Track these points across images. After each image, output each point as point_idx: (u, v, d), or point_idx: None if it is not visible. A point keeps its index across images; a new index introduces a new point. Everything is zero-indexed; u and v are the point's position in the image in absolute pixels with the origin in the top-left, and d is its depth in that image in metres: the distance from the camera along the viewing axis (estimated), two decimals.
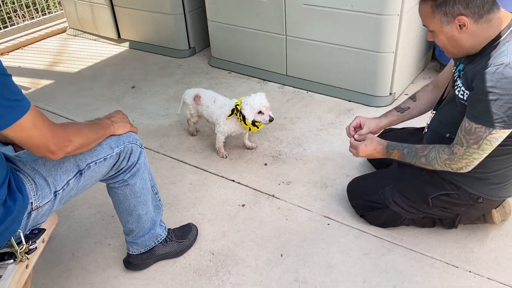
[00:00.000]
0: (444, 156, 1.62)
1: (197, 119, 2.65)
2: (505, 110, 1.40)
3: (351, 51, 2.82)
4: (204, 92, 2.56)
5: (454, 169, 1.61)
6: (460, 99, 1.59)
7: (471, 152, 1.53)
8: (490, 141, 1.47)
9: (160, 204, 1.83)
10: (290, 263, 1.85)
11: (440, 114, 1.80)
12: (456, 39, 1.51)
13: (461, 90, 1.59)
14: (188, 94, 2.59)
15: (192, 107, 2.57)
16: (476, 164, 1.56)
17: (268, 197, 2.21)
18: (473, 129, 1.48)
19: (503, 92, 1.38)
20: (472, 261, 1.80)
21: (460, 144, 1.55)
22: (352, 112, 2.85)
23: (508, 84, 1.37)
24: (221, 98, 2.51)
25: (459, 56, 1.62)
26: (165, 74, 3.59)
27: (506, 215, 1.91)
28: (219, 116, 2.42)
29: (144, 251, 1.82)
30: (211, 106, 2.47)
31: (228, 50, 3.50)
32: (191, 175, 2.42)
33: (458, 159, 1.57)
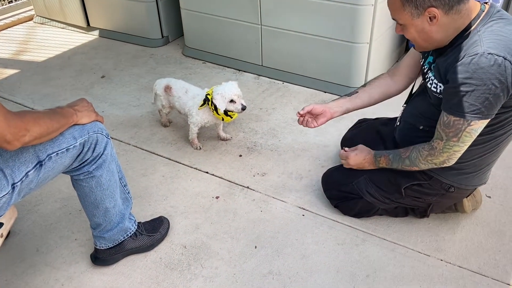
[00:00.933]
0: (425, 152, 1.61)
1: (169, 109, 2.58)
2: (482, 101, 1.39)
3: (327, 42, 2.80)
4: (175, 82, 2.48)
5: (438, 164, 1.60)
6: (433, 92, 1.58)
7: (451, 145, 1.52)
8: (470, 132, 1.47)
9: (129, 196, 1.77)
10: (264, 255, 1.83)
11: (412, 106, 1.79)
12: (426, 32, 1.49)
13: (433, 83, 1.58)
14: (159, 84, 2.51)
15: (163, 98, 2.50)
16: (458, 156, 1.56)
17: (243, 189, 2.18)
18: (452, 122, 1.48)
19: (479, 82, 1.37)
20: (444, 250, 1.81)
21: (440, 138, 1.54)
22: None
23: (484, 74, 1.36)
24: (193, 88, 2.44)
25: (429, 49, 1.61)
26: (137, 63, 3.49)
27: (477, 204, 1.93)
28: (191, 107, 2.35)
29: (112, 245, 1.76)
30: (183, 97, 2.40)
31: (202, 39, 3.42)
32: (163, 167, 2.36)
33: (438, 153, 1.57)
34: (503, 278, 1.68)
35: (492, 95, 1.37)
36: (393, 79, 1.93)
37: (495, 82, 1.35)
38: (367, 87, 1.96)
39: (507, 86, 1.36)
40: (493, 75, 1.35)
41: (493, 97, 1.37)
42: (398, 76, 1.91)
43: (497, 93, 1.37)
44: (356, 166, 1.90)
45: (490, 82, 1.35)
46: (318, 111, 1.88)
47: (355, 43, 2.71)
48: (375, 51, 2.80)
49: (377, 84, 1.94)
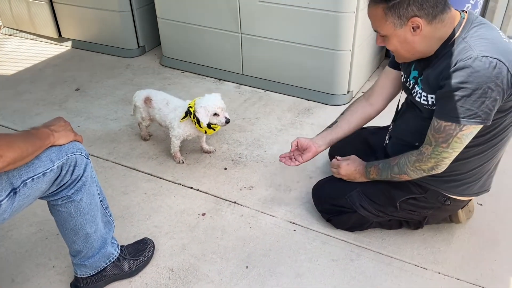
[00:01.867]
0: (413, 158, 1.57)
1: (149, 122, 2.47)
2: (478, 105, 1.35)
3: (309, 49, 2.75)
4: (155, 93, 2.38)
5: (427, 171, 1.56)
6: (424, 105, 1.55)
7: (440, 151, 1.48)
8: (461, 138, 1.43)
9: (111, 219, 1.65)
10: (256, 275, 1.74)
11: (404, 123, 1.74)
12: (409, 42, 1.46)
13: (423, 96, 1.54)
14: (138, 96, 2.40)
15: (143, 110, 2.39)
16: (447, 163, 1.51)
17: (230, 204, 2.09)
18: (443, 127, 1.44)
19: (475, 86, 1.33)
20: (441, 262, 1.77)
21: (429, 143, 1.50)
22: (311, 111, 2.79)
23: (480, 77, 1.32)
24: (174, 100, 2.34)
25: (411, 60, 1.58)
26: (113, 75, 3.36)
27: (470, 213, 1.90)
28: (173, 119, 2.25)
29: (94, 273, 1.64)
30: (164, 109, 2.30)
31: (180, 49, 3.33)
32: (144, 183, 2.24)
33: (426, 158, 1.52)
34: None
35: (489, 98, 1.34)
36: (369, 101, 1.91)
37: (491, 85, 1.32)
38: (345, 115, 1.95)
39: (503, 88, 1.34)
40: (489, 78, 1.32)
41: (490, 101, 1.34)
42: (374, 98, 1.89)
43: (493, 96, 1.34)
44: (347, 177, 1.84)
45: (487, 86, 1.32)
46: (304, 144, 1.89)
47: (337, 50, 2.67)
48: (357, 58, 2.77)
49: (354, 109, 1.93)
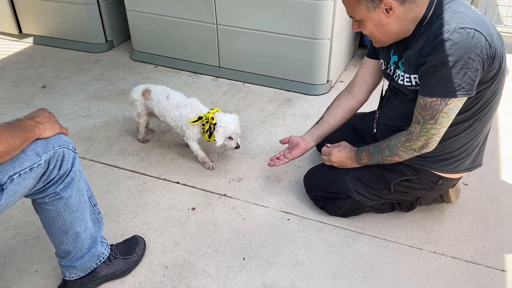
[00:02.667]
0: (403, 138, 1.58)
1: (146, 118, 2.29)
2: (461, 77, 1.37)
3: (287, 39, 2.72)
4: (154, 86, 2.23)
5: (417, 150, 1.57)
6: (408, 86, 1.56)
7: (428, 128, 1.49)
8: (447, 113, 1.44)
9: (100, 217, 1.56)
10: (255, 266, 1.69)
11: (390, 109, 1.75)
12: (384, 25, 1.47)
13: (406, 78, 1.56)
14: (136, 89, 2.25)
15: (140, 103, 2.21)
16: (437, 140, 1.52)
17: (220, 197, 2.03)
18: (428, 103, 1.45)
19: (456, 58, 1.35)
20: (434, 242, 1.79)
21: (417, 122, 1.51)
22: (293, 101, 2.77)
23: (460, 49, 1.34)
24: (176, 94, 2.17)
25: (388, 43, 1.59)
26: (81, 71, 3.20)
27: (458, 192, 1.94)
28: (177, 118, 2.11)
29: (84, 274, 1.54)
30: (164, 102, 2.15)
31: (152, 42, 3.21)
32: (127, 180, 2.14)
33: (416, 137, 1.53)
34: (497, 265, 1.68)
35: (471, 69, 1.36)
36: (352, 94, 1.92)
37: (472, 55, 1.34)
38: (329, 109, 1.96)
39: (483, 58, 1.36)
40: (468, 48, 1.34)
41: (471, 72, 1.36)
42: (356, 90, 1.91)
43: (475, 66, 1.36)
44: (338, 163, 1.83)
45: (467, 56, 1.34)
46: (294, 141, 1.91)
47: (317, 39, 2.66)
48: (336, 47, 2.77)
49: (338, 103, 1.94)
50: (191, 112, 2.08)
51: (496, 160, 2.22)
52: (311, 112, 2.66)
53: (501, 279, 1.62)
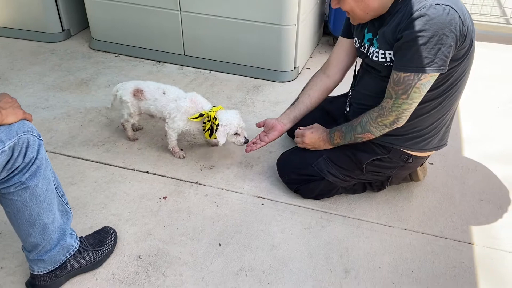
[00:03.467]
0: (375, 114, 1.61)
1: (138, 118, 2.16)
2: (435, 52, 1.41)
3: (254, 26, 2.70)
4: (144, 84, 2.08)
5: (389, 125, 1.60)
6: (382, 62, 1.58)
7: (400, 102, 1.52)
8: (419, 88, 1.48)
9: (68, 208, 1.49)
10: (231, 252, 1.68)
11: (363, 88, 1.77)
12: (364, 0, 1.50)
13: (380, 54, 1.58)
14: (124, 89, 2.08)
15: (132, 104, 2.07)
16: (407, 115, 1.56)
17: (192, 185, 1.99)
18: (402, 78, 1.48)
19: (431, 33, 1.38)
20: (405, 219, 1.84)
21: (389, 97, 1.55)
22: (261, 89, 2.75)
23: (436, 24, 1.38)
24: (172, 89, 2.06)
25: (366, 20, 1.61)
26: (37, 61, 3.04)
27: (425, 171, 2.01)
28: (174, 109, 1.99)
29: (54, 268, 1.47)
30: (161, 99, 2.01)
31: (112, 30, 3.10)
32: (93, 172, 2.06)
33: (387, 112, 1.56)
34: (464, 238, 1.75)
35: (444, 45, 1.40)
36: (327, 74, 1.93)
37: (446, 31, 1.38)
38: (305, 90, 1.97)
39: (456, 35, 1.40)
40: (443, 24, 1.37)
41: (445, 48, 1.40)
42: (331, 69, 1.92)
43: (448, 42, 1.40)
44: (311, 145, 1.84)
45: (442, 32, 1.38)
46: (270, 124, 1.92)
47: (283, 26, 2.65)
48: (302, 34, 2.78)
49: (313, 83, 1.95)
50: (191, 106, 1.98)
51: (458, 139, 2.31)
52: (280, 98, 2.66)
53: (469, 251, 1.69)
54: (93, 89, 2.73)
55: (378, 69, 1.64)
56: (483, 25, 3.46)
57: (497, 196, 1.96)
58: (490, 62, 3.14)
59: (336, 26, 3.13)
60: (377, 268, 1.63)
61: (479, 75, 2.85)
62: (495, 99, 2.70)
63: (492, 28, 3.47)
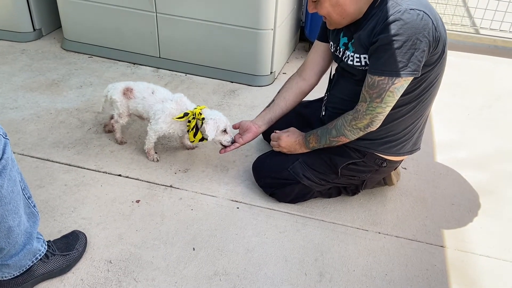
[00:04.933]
0: (349, 117, 1.62)
1: (127, 119, 2.11)
2: (408, 57, 1.43)
3: (230, 29, 2.69)
4: (135, 83, 2.06)
5: (363, 129, 1.61)
6: (357, 66, 1.60)
7: (374, 106, 1.54)
8: (393, 92, 1.50)
9: (35, 211, 1.43)
10: (205, 256, 1.65)
11: (338, 92, 1.79)
12: (341, 4, 1.52)
13: (355, 58, 1.60)
14: (115, 89, 2.04)
15: (121, 104, 2.04)
16: (381, 119, 1.58)
17: (166, 188, 1.95)
18: (376, 82, 1.50)
19: (406, 38, 1.41)
20: (379, 223, 1.85)
21: (364, 100, 1.56)
22: (237, 92, 2.74)
23: (410, 29, 1.40)
24: (161, 89, 2.04)
25: (342, 25, 1.63)
26: (6, 61, 2.94)
27: (398, 176, 2.03)
28: (159, 111, 1.95)
29: (19, 273, 1.41)
30: (149, 98, 1.99)
31: (86, 31, 3.03)
32: (63, 175, 1.99)
33: (362, 115, 1.58)
34: (436, 241, 1.78)
35: (418, 49, 1.42)
36: (303, 77, 1.94)
37: (420, 36, 1.41)
38: (280, 92, 1.97)
39: (429, 40, 1.43)
40: (417, 29, 1.40)
41: (418, 52, 1.43)
42: (307, 73, 1.94)
43: (421, 47, 1.42)
44: (287, 149, 1.84)
45: (415, 37, 1.40)
46: (244, 126, 1.91)
47: (260, 30, 2.65)
48: (279, 38, 2.79)
49: (289, 86, 1.96)
50: (176, 108, 1.95)
51: (430, 145, 2.36)
52: (256, 102, 2.65)
53: (441, 254, 1.72)
54: (65, 90, 2.65)
55: (353, 73, 1.66)
56: (454, 35, 3.56)
57: (468, 200, 2.01)
58: (460, 70, 3.23)
59: (312, 31, 3.16)
60: (352, 271, 1.63)
61: (450, 82, 2.94)
62: (465, 106, 2.78)
63: (462, 38, 3.58)
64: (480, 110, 2.75)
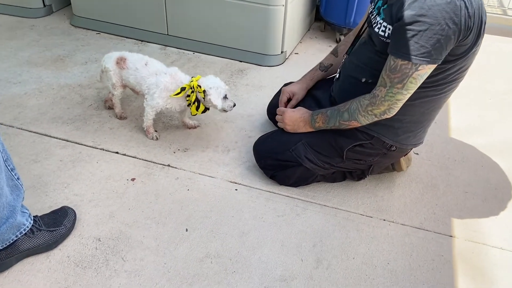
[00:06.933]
0: (366, 102, 1.49)
1: (121, 90, 2.04)
2: (433, 43, 1.29)
3: (239, 5, 2.58)
4: (130, 54, 2.00)
5: (378, 115, 1.49)
6: (380, 36, 1.46)
7: (394, 92, 1.41)
8: (416, 78, 1.37)
9: (19, 183, 1.38)
10: (198, 238, 1.58)
11: (354, 57, 1.65)
12: None
13: (382, 26, 1.45)
14: (109, 58, 2.00)
15: (114, 73, 1.97)
16: (399, 106, 1.45)
17: (163, 167, 1.88)
18: (399, 66, 1.36)
19: (433, 21, 1.27)
20: (385, 209, 1.74)
21: (383, 85, 1.43)
22: (245, 72, 2.64)
23: (439, 12, 1.26)
24: (155, 62, 1.97)
25: None
26: (15, 36, 2.91)
27: (409, 162, 1.91)
28: (153, 85, 1.89)
29: (2, 247, 1.37)
30: (142, 70, 1.92)
31: (94, 7, 2.97)
32: (60, 150, 1.95)
33: (380, 101, 1.45)
34: (445, 230, 1.66)
35: (444, 36, 1.28)
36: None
37: (449, 22, 1.26)
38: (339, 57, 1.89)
39: (460, 28, 1.28)
40: (448, 13, 1.26)
41: (444, 39, 1.29)
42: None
43: (449, 35, 1.28)
44: (291, 126, 1.73)
45: (444, 22, 1.26)
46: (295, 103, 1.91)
47: (270, 6, 2.53)
48: (290, 16, 2.66)
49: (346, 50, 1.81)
50: (171, 82, 1.87)
51: (445, 130, 2.21)
52: (264, 83, 2.55)
53: (449, 244, 1.60)
54: (69, 66, 2.60)
55: (375, 42, 1.51)
56: None
57: (483, 189, 1.87)
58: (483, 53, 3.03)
59: (327, 10, 3.02)
60: (351, 258, 1.53)
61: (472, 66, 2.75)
62: (486, 91, 2.60)
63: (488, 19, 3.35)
64: (504, 95, 2.57)
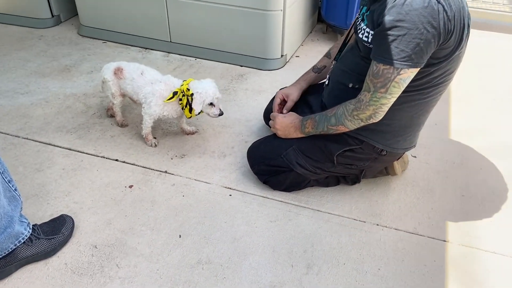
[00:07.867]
0: (351, 106, 1.50)
1: (120, 99, 2.10)
2: (413, 47, 1.29)
3: (239, 11, 2.61)
4: (127, 64, 2.06)
5: (365, 120, 1.49)
6: (364, 41, 1.47)
7: (378, 96, 1.42)
8: (398, 82, 1.37)
9: (16, 194, 1.43)
10: (191, 244, 1.61)
11: (342, 63, 1.67)
12: None
13: (365, 32, 1.46)
14: (107, 68, 2.06)
15: (113, 83, 2.03)
16: (385, 110, 1.46)
17: (160, 174, 1.92)
18: (381, 71, 1.37)
19: (411, 25, 1.27)
20: (378, 214, 1.74)
21: (368, 90, 1.44)
22: (245, 77, 2.66)
23: (417, 16, 1.26)
24: (151, 71, 2.01)
25: None
26: (23, 46, 3.00)
27: (405, 165, 1.90)
28: (149, 94, 1.93)
29: (1, 256, 1.42)
30: (138, 79, 1.97)
31: (100, 17, 3.04)
32: (62, 159, 2.01)
33: (365, 106, 1.46)
34: (439, 235, 1.65)
35: (424, 40, 1.28)
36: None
37: (428, 26, 1.26)
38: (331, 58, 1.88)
39: (439, 31, 1.28)
40: (425, 18, 1.26)
41: (424, 43, 1.29)
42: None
43: (428, 38, 1.28)
44: (282, 131, 1.75)
45: (423, 26, 1.26)
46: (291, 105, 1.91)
47: (268, 11, 2.55)
48: (289, 20, 2.67)
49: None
50: (165, 89, 1.92)
51: (445, 131, 2.19)
52: (264, 87, 2.57)
53: (442, 249, 1.59)
54: (75, 75, 2.68)
55: (360, 48, 1.53)
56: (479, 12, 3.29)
57: (481, 193, 1.85)
58: (485, 51, 2.98)
59: (328, 12, 3.02)
60: (342, 264, 1.54)
61: (473, 64, 2.71)
62: (489, 90, 2.56)
63: (493, 17, 3.29)
64: (507, 95, 2.52)
